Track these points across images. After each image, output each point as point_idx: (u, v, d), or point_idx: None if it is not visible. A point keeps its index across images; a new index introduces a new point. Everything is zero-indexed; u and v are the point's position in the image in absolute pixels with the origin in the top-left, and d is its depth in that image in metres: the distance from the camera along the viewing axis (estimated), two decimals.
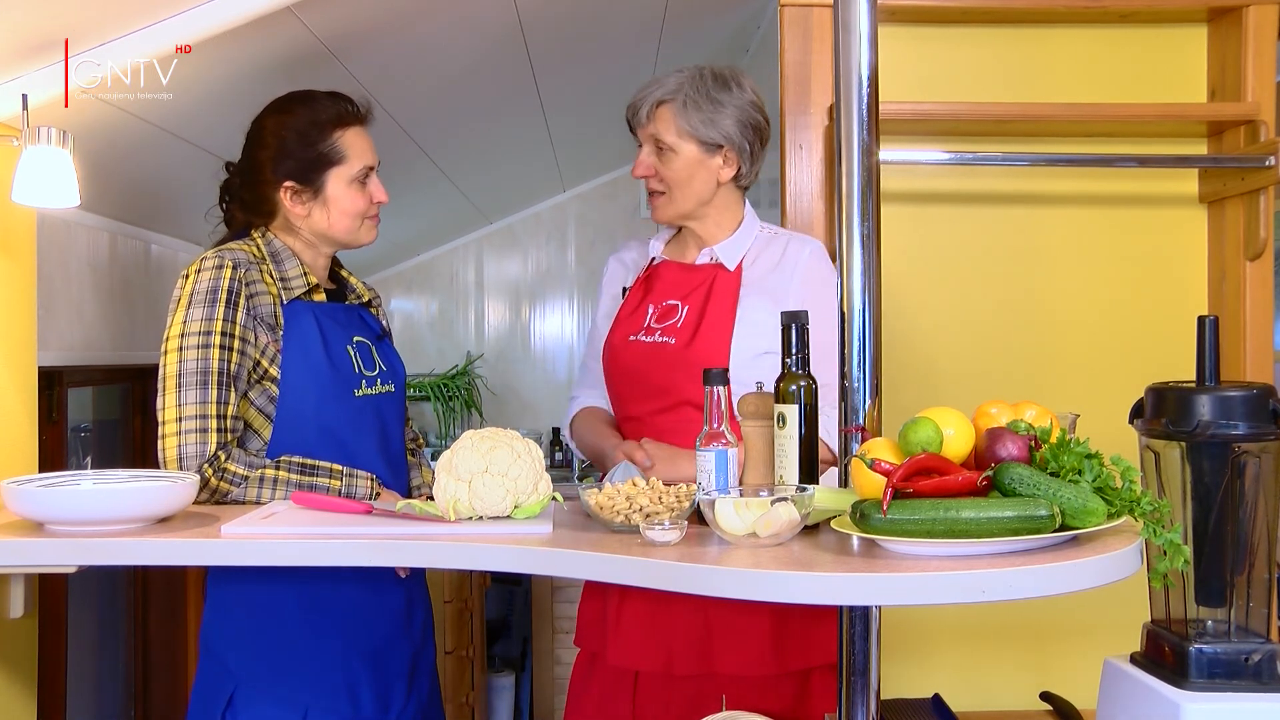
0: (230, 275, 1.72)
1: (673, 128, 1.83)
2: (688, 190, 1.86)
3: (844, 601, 1.34)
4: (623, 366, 1.87)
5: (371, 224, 1.87)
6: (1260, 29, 2.27)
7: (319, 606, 1.74)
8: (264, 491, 1.68)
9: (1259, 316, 2.30)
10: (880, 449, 1.35)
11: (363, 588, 1.77)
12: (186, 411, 1.67)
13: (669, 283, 1.90)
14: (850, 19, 1.45)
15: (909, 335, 2.37)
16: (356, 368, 1.82)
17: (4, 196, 1.80)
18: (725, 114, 1.83)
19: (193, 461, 1.66)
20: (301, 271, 1.81)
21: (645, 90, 1.86)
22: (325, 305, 1.83)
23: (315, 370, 1.76)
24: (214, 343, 1.69)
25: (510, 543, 1.42)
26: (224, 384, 1.69)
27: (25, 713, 1.95)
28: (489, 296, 4.75)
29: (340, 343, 1.81)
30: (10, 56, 1.68)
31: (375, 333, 1.93)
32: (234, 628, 1.74)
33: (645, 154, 1.86)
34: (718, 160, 1.86)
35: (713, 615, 1.74)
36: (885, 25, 1.84)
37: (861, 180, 1.46)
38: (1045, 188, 2.41)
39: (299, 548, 1.46)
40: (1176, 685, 1.43)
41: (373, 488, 1.74)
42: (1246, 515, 1.44)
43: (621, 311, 1.93)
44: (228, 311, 1.70)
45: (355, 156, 1.81)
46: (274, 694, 1.71)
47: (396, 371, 1.92)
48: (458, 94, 2.83)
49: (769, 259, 1.88)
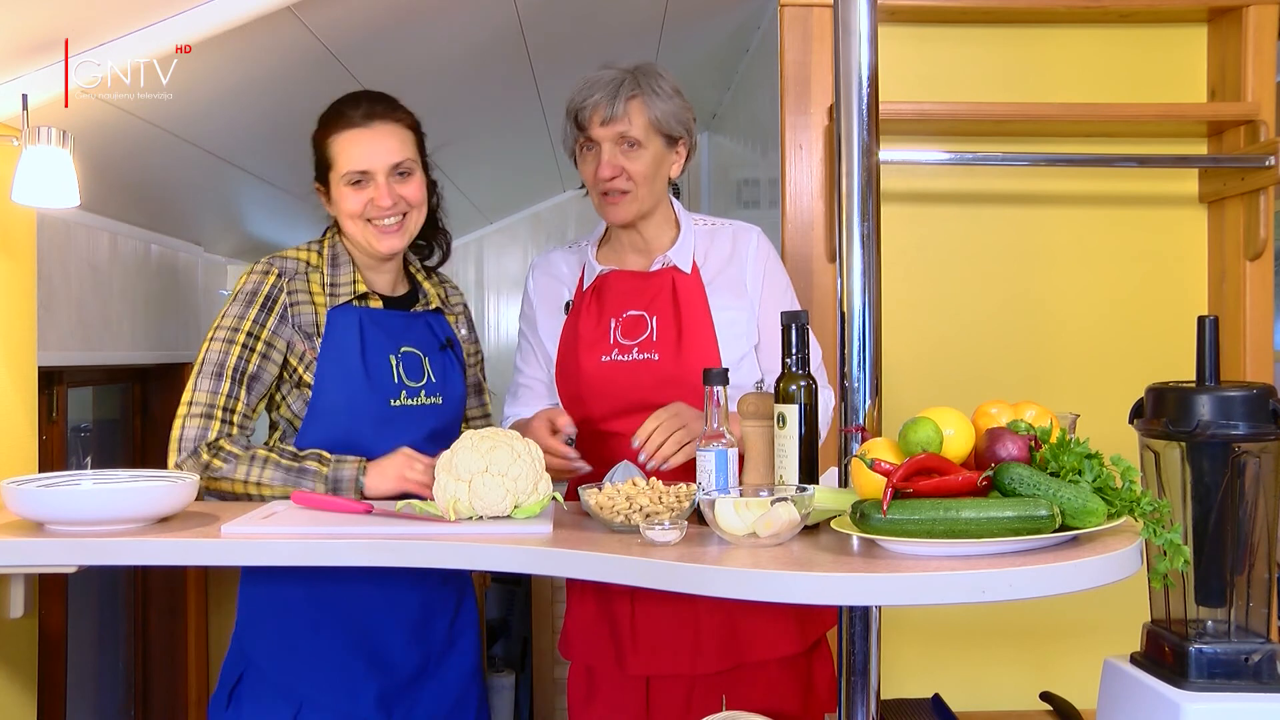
0: (272, 282, 1.77)
1: (642, 122, 1.80)
2: (652, 187, 1.83)
3: (844, 601, 1.34)
4: (601, 389, 1.82)
5: (378, 230, 1.79)
6: (1260, 29, 2.28)
7: (324, 604, 1.75)
8: (253, 470, 1.70)
9: (1259, 316, 2.30)
10: (880, 449, 1.35)
11: (372, 588, 1.76)
12: (198, 398, 1.73)
13: (624, 293, 1.85)
14: (850, 19, 1.45)
15: (909, 335, 2.38)
16: (397, 377, 1.80)
17: (4, 196, 1.80)
18: (676, 104, 1.83)
19: (190, 444, 1.70)
20: (353, 279, 1.81)
21: (596, 87, 1.80)
22: (376, 312, 1.82)
23: (348, 377, 1.76)
24: (238, 340, 1.74)
25: (510, 543, 1.42)
26: (237, 379, 1.73)
27: (25, 713, 1.95)
28: (489, 296, 4.75)
29: (383, 351, 1.80)
30: (10, 56, 1.68)
31: (438, 341, 1.88)
32: (252, 621, 1.78)
33: (609, 152, 1.80)
34: (673, 154, 1.86)
35: (735, 608, 1.73)
36: (885, 25, 1.84)
37: (861, 180, 1.46)
38: (1045, 188, 2.41)
39: (299, 547, 1.47)
40: (1176, 685, 1.43)
41: (361, 469, 1.71)
42: (1246, 515, 1.44)
43: (578, 329, 1.86)
44: (260, 314, 1.76)
45: (343, 161, 1.79)
46: (275, 684, 1.74)
47: (451, 384, 1.88)
48: (458, 93, 2.83)
49: (719, 254, 1.87)
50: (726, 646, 1.75)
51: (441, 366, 1.87)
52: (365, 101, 1.82)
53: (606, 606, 1.81)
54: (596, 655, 1.83)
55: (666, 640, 1.76)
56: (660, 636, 1.76)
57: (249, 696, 1.75)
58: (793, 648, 1.77)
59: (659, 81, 1.82)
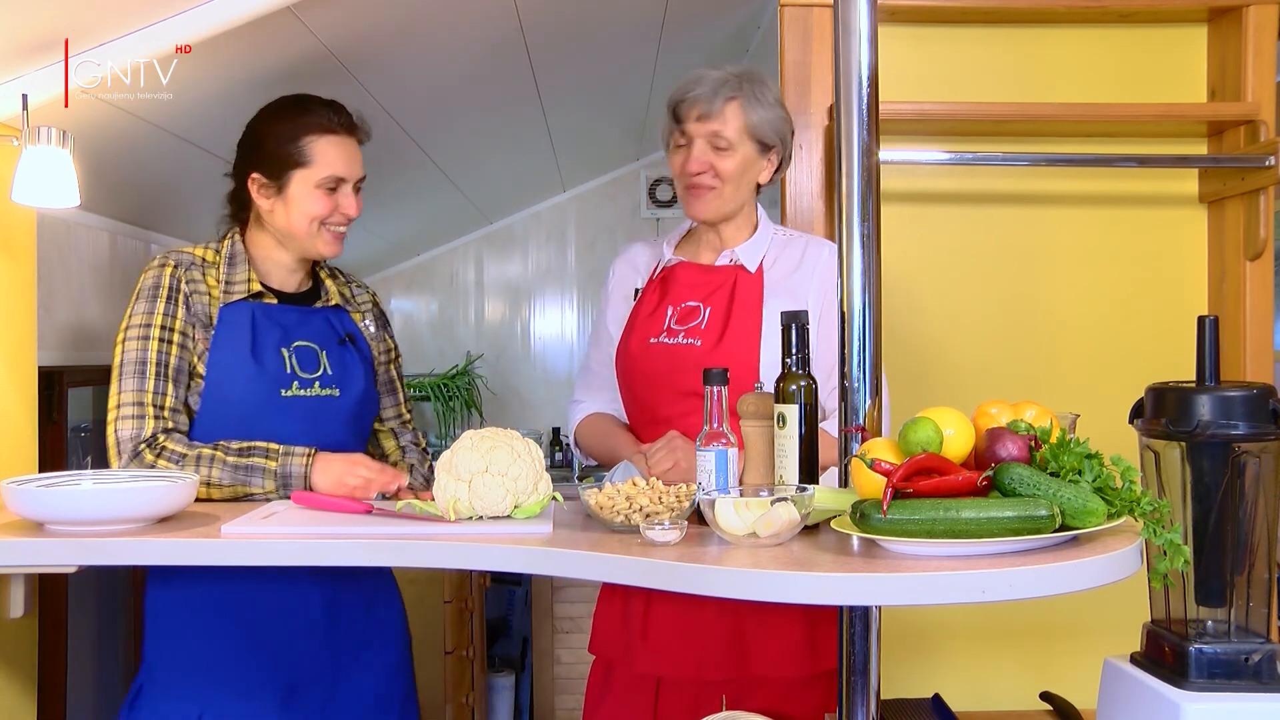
0: (171, 273, 1.80)
1: (739, 123, 1.81)
2: (737, 189, 1.85)
3: (844, 601, 1.34)
4: (645, 370, 1.85)
5: (331, 236, 1.86)
6: (1260, 29, 2.27)
7: (223, 606, 1.75)
8: (199, 468, 1.71)
9: (1259, 316, 2.30)
10: (880, 449, 1.35)
11: (274, 588, 1.77)
12: (125, 399, 1.74)
13: (687, 284, 1.89)
14: (850, 19, 1.45)
15: (909, 335, 2.37)
16: (289, 368, 1.83)
17: (4, 196, 1.80)
18: (777, 114, 1.85)
19: (128, 444, 1.71)
20: (247, 277, 1.85)
21: (701, 84, 1.82)
22: (268, 307, 1.86)
23: (238, 367, 1.79)
24: (152, 335, 1.76)
25: (510, 543, 1.42)
26: (161, 374, 1.75)
27: (25, 713, 1.95)
28: (489, 296, 4.75)
29: (274, 344, 1.83)
30: (10, 56, 1.68)
31: (337, 336, 1.93)
32: (151, 624, 1.79)
33: (700, 148, 1.82)
34: (764, 161, 1.87)
35: (746, 618, 1.74)
36: (885, 25, 1.85)
37: (861, 180, 1.45)
38: (1045, 188, 2.41)
39: (299, 547, 1.47)
40: (1176, 685, 1.43)
41: (309, 461, 1.74)
42: (1246, 515, 1.44)
43: (638, 314, 1.91)
44: (168, 307, 1.78)
45: (323, 164, 1.82)
46: (175, 690, 1.74)
47: (350, 377, 1.91)
48: (458, 93, 2.83)
49: (788, 261, 1.88)
50: (732, 656, 1.75)
51: (340, 360, 1.91)
52: (340, 110, 1.86)
53: (626, 604, 1.83)
54: (615, 651, 1.85)
55: (674, 642, 1.76)
56: (668, 637, 1.77)
57: (147, 706, 1.75)
58: (800, 670, 1.75)
59: (762, 89, 1.83)
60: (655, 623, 1.78)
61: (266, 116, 1.85)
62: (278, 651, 1.77)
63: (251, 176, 1.84)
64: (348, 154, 1.86)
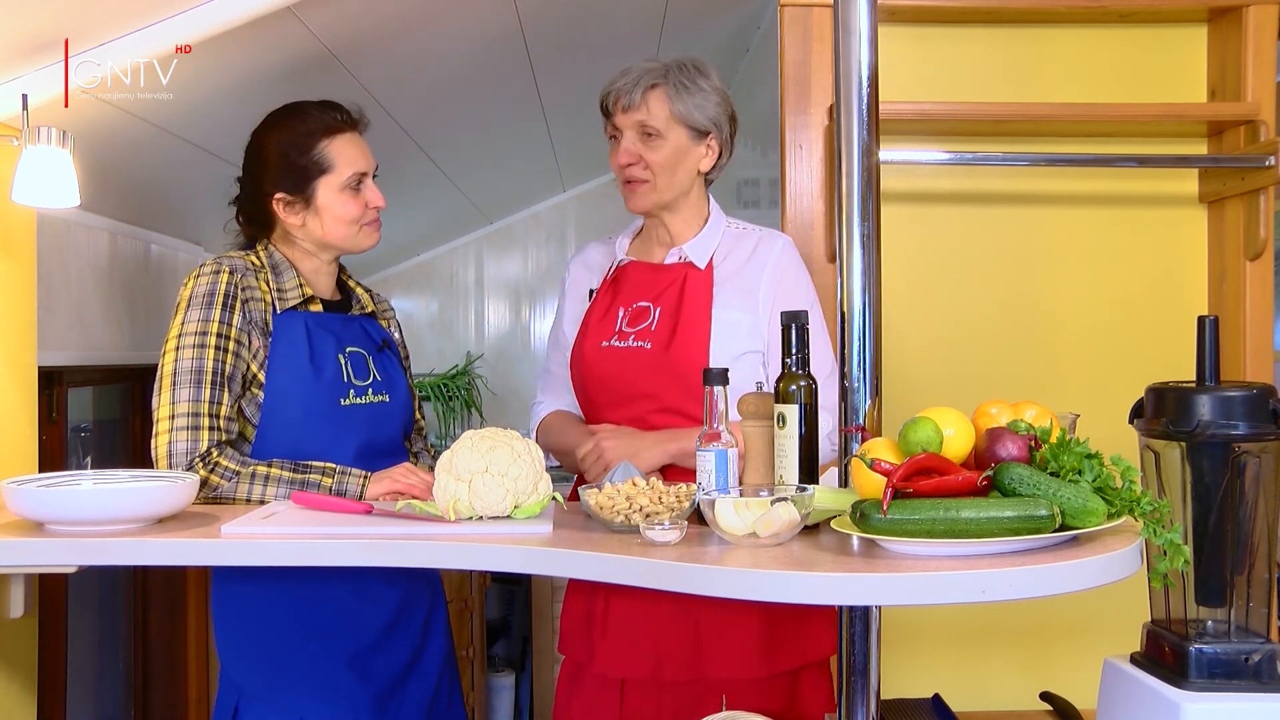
0: (227, 280, 1.75)
1: (664, 111, 1.81)
2: (672, 178, 1.84)
3: (844, 601, 1.34)
4: (597, 374, 1.84)
5: (370, 229, 1.87)
6: (1260, 29, 2.27)
7: (302, 611, 1.75)
8: (255, 488, 1.69)
9: (1259, 316, 2.30)
10: (880, 449, 1.35)
11: (348, 590, 1.77)
12: (179, 409, 1.69)
13: (637, 284, 1.88)
14: (850, 19, 1.45)
15: (909, 335, 2.38)
16: (346, 377, 1.82)
17: (4, 196, 1.80)
18: (710, 100, 1.83)
19: (183, 459, 1.67)
20: (298, 284, 1.82)
21: (626, 76, 1.83)
22: (320, 315, 1.84)
23: (300, 378, 1.77)
24: (209, 343, 1.71)
25: (510, 543, 1.42)
26: (218, 384, 1.71)
27: (25, 713, 1.95)
28: (489, 296, 4.75)
29: (330, 352, 1.82)
30: (10, 56, 1.67)
31: (375, 343, 1.92)
32: (228, 632, 1.78)
33: (629, 140, 1.82)
34: (701, 148, 1.85)
35: (702, 619, 1.74)
36: (885, 25, 1.85)
37: (861, 180, 1.46)
38: (1045, 188, 2.41)
39: (299, 547, 1.47)
40: (1176, 685, 1.43)
41: (364, 483, 1.73)
42: (1246, 515, 1.44)
43: (590, 316, 1.90)
44: (224, 314, 1.73)
45: (344, 164, 1.82)
46: (275, 703, 1.74)
47: (395, 383, 1.91)
48: (458, 94, 2.83)
49: (739, 256, 1.87)
50: (689, 658, 1.74)
51: (383, 366, 1.91)
52: (338, 107, 1.85)
53: (590, 602, 1.82)
54: (581, 653, 1.84)
55: (633, 644, 1.76)
56: (627, 639, 1.77)
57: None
58: (756, 671, 1.74)
59: (692, 75, 1.82)
60: (614, 624, 1.78)
61: (270, 133, 1.82)
62: (362, 656, 1.77)
63: (276, 198, 1.81)
64: (360, 148, 1.85)
